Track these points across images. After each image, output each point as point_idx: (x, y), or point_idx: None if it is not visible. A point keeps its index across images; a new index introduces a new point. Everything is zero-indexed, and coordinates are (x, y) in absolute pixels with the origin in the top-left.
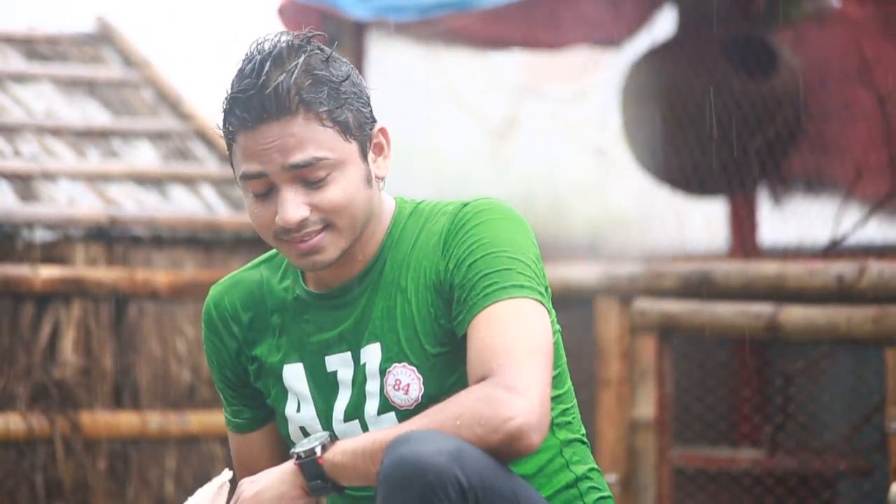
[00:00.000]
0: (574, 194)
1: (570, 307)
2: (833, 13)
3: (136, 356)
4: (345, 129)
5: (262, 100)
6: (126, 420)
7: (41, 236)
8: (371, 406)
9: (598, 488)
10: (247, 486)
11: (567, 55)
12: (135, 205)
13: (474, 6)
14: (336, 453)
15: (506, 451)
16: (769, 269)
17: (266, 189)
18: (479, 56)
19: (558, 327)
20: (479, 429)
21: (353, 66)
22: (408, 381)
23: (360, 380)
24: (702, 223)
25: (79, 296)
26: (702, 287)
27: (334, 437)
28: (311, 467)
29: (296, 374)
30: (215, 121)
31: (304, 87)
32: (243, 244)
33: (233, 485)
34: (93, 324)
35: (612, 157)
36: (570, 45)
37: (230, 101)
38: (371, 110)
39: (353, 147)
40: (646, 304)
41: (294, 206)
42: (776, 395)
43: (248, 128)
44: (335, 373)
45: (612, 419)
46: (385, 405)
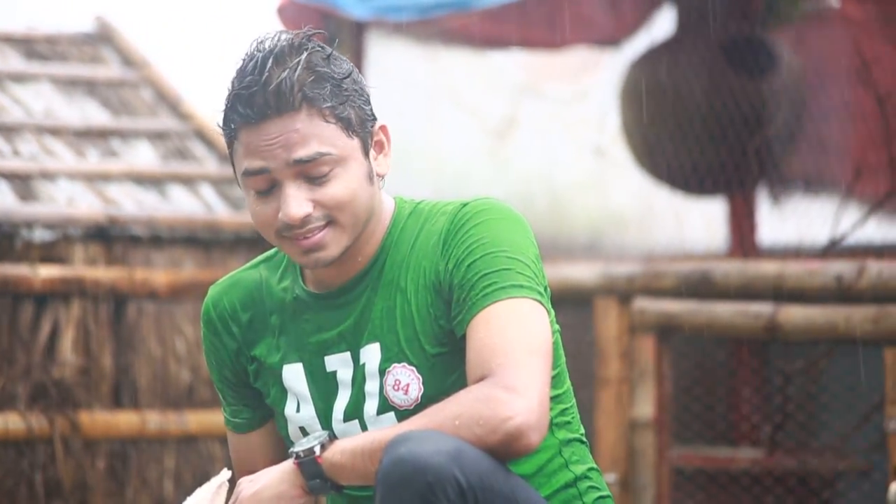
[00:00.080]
0: (573, 194)
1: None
2: (832, 13)
3: (135, 356)
4: (347, 126)
5: (266, 96)
6: (125, 420)
7: (40, 236)
8: (370, 406)
9: (597, 488)
10: (246, 485)
11: (566, 55)
12: (134, 204)
13: (473, 6)
14: (335, 453)
15: (505, 450)
16: (768, 268)
17: (268, 186)
18: (478, 56)
19: (557, 327)
20: (478, 429)
21: (353, 64)
22: (407, 382)
23: (359, 380)
24: (701, 223)
25: (78, 295)
26: (701, 287)
27: (333, 437)
28: (310, 466)
29: (295, 375)
30: (216, 119)
31: (306, 83)
32: (242, 244)
33: (232, 485)
34: (92, 323)
35: (612, 156)
36: (569, 44)
37: (232, 98)
38: (371, 108)
39: (355, 143)
40: (645, 304)
41: (297, 201)
42: (775, 395)
43: (250, 124)
44: (335, 373)
45: (612, 419)
46: (384, 405)
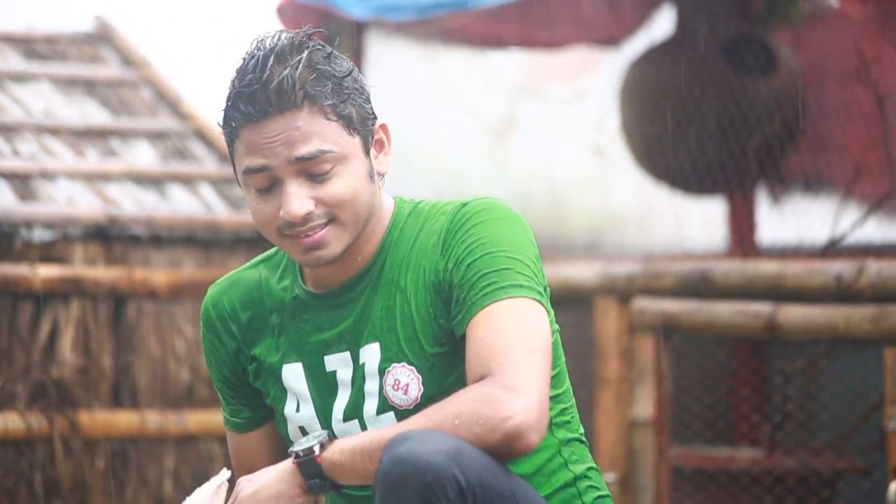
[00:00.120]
0: (573, 193)
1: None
2: (832, 13)
3: (134, 355)
4: (348, 124)
5: (267, 94)
6: (125, 419)
7: (40, 236)
8: (370, 406)
9: (596, 487)
10: (245, 484)
11: (566, 55)
12: (133, 204)
13: (473, 6)
14: (334, 452)
15: (504, 450)
16: (768, 268)
17: (269, 184)
18: (477, 55)
19: (557, 327)
20: (477, 428)
21: (353, 63)
22: (407, 381)
23: (359, 379)
24: (700, 222)
25: (77, 295)
26: (700, 286)
27: (333, 436)
28: (309, 466)
29: (295, 374)
30: (216, 118)
31: (308, 81)
32: (242, 244)
33: (231, 484)
34: (91, 323)
35: (611, 156)
36: (568, 44)
37: (233, 96)
38: (372, 107)
39: (356, 141)
40: (644, 304)
41: (299, 199)
42: (775, 395)
43: (252, 122)
44: (334, 372)
45: (611, 418)
46: (384, 405)
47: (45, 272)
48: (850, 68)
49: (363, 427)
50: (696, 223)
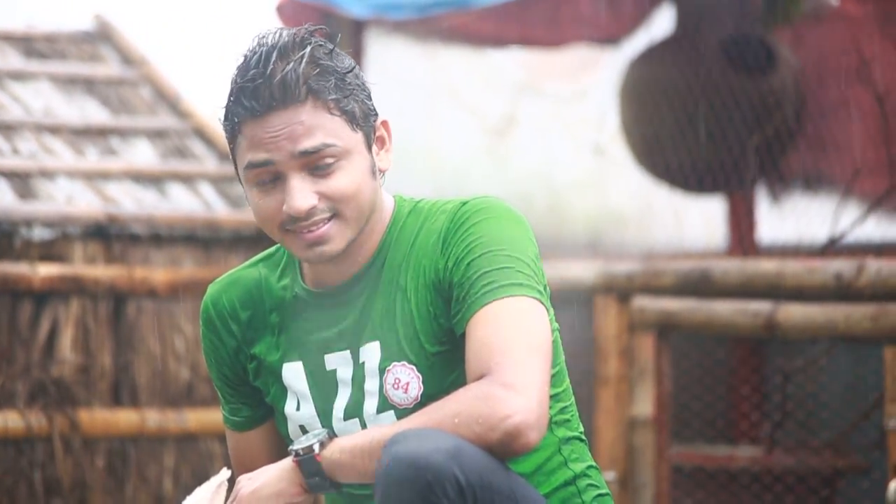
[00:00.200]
0: (573, 192)
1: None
2: (831, 11)
3: (134, 354)
4: (351, 119)
5: (271, 88)
6: (124, 418)
7: (39, 234)
8: (370, 405)
9: (596, 486)
10: (245, 483)
11: (566, 53)
12: (133, 203)
13: (473, 4)
14: (334, 451)
15: (504, 448)
16: (767, 266)
17: (272, 179)
18: (477, 54)
19: (557, 325)
20: (477, 427)
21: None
22: (407, 380)
23: (359, 378)
24: (700, 221)
25: (77, 294)
26: (700, 285)
27: (333, 435)
28: (309, 464)
29: (295, 373)
30: (217, 116)
31: (311, 76)
32: (242, 242)
33: (231, 483)
34: (91, 322)
35: (611, 155)
36: (568, 43)
37: (236, 91)
38: (373, 103)
39: (359, 137)
40: (644, 302)
41: (302, 194)
42: (774, 393)
43: (255, 116)
44: (334, 371)
45: (611, 417)
46: (384, 404)
47: (45, 271)
48: (850, 67)
49: (363, 426)
50: (695, 222)
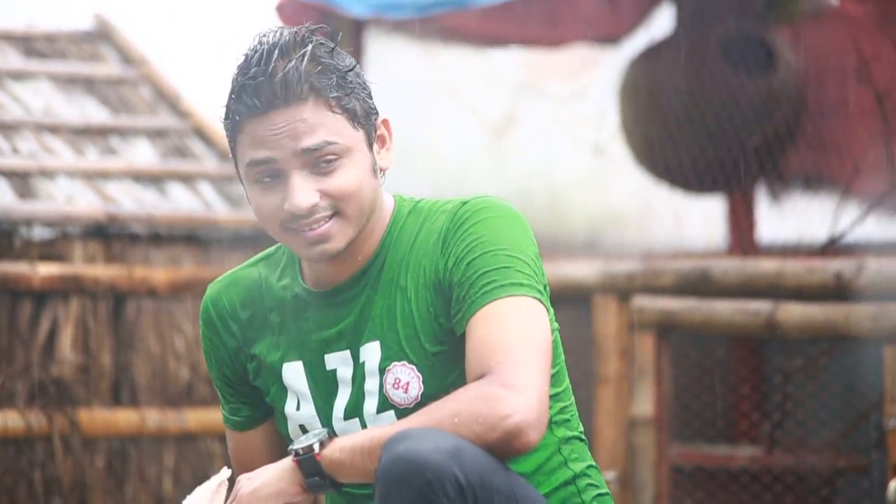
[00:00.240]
0: (572, 192)
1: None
2: (831, 10)
3: (134, 354)
4: (353, 117)
5: (273, 86)
6: (124, 418)
7: (39, 234)
8: (370, 404)
9: (596, 485)
10: (245, 482)
11: (565, 53)
12: (133, 202)
13: (472, 4)
14: (334, 450)
15: (504, 448)
16: (767, 266)
17: (273, 177)
18: (477, 54)
19: (556, 325)
20: (477, 426)
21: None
22: (407, 380)
23: (359, 378)
24: (700, 221)
25: (77, 293)
26: (700, 284)
27: (333, 434)
28: (309, 464)
29: (295, 373)
30: (218, 114)
31: (313, 74)
32: (242, 242)
33: (231, 483)
34: (91, 321)
35: (611, 154)
36: (568, 42)
37: (237, 89)
38: (374, 102)
39: (360, 135)
40: (644, 302)
41: (304, 191)
42: (774, 393)
43: (257, 114)
44: (335, 371)
45: (611, 417)
46: (384, 404)
47: (45, 270)
48: (850, 66)
49: (363, 425)
50: (695, 221)
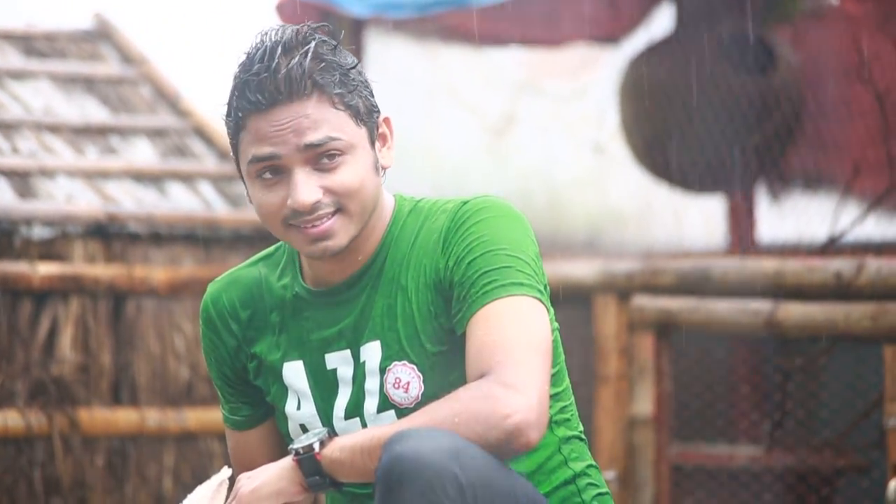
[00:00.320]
0: (572, 191)
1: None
2: (831, 10)
3: (134, 353)
4: (356, 114)
5: (276, 82)
6: (124, 417)
7: (39, 233)
8: (371, 404)
9: (596, 485)
10: (245, 481)
11: (565, 52)
12: (133, 202)
13: (472, 3)
14: (334, 450)
15: (504, 448)
16: (767, 265)
17: (275, 174)
18: (477, 53)
19: (557, 325)
20: (477, 426)
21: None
22: (407, 380)
23: (359, 378)
24: (700, 220)
25: (77, 293)
26: (700, 284)
27: (333, 434)
28: (309, 463)
29: (296, 372)
30: (219, 113)
31: (316, 70)
32: (242, 241)
33: (231, 482)
34: (91, 321)
35: (611, 153)
36: (568, 41)
37: (240, 86)
38: (375, 100)
39: (363, 132)
40: (644, 301)
41: (307, 187)
42: (774, 392)
43: (260, 111)
44: (335, 370)
45: (611, 416)
46: (385, 403)
47: (45, 270)
48: (850, 66)
49: (364, 425)
50: (695, 221)
